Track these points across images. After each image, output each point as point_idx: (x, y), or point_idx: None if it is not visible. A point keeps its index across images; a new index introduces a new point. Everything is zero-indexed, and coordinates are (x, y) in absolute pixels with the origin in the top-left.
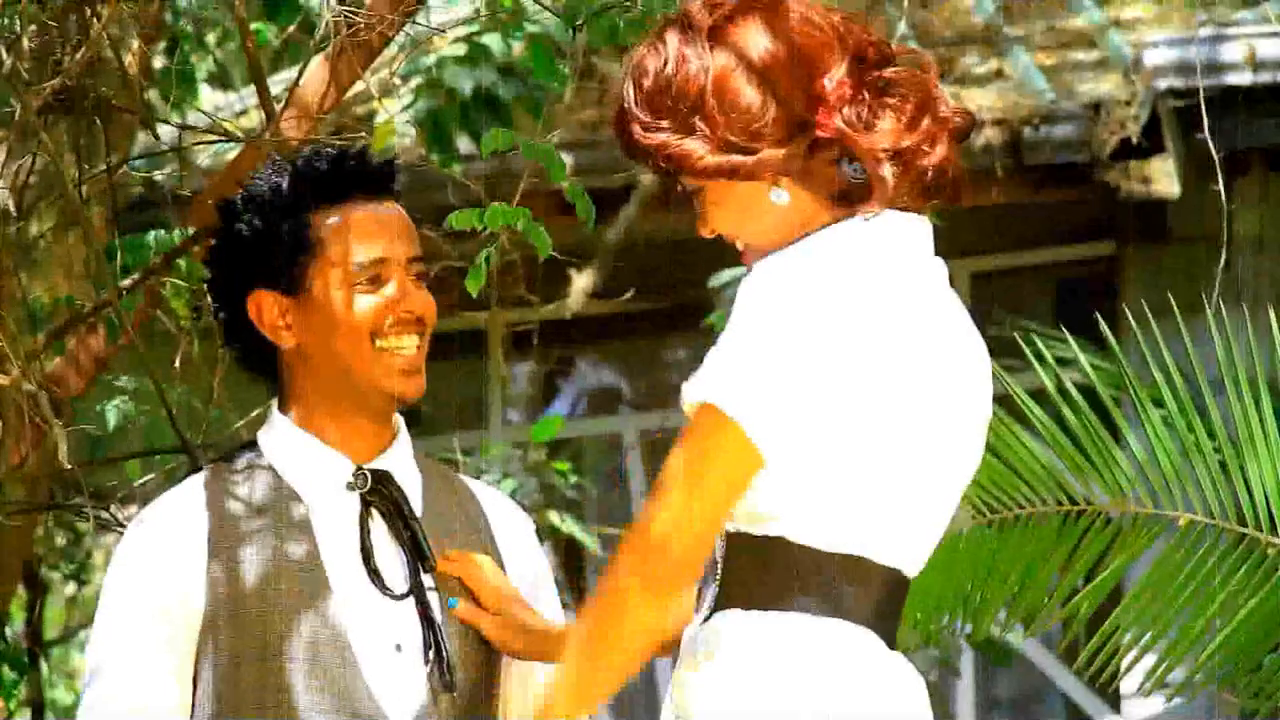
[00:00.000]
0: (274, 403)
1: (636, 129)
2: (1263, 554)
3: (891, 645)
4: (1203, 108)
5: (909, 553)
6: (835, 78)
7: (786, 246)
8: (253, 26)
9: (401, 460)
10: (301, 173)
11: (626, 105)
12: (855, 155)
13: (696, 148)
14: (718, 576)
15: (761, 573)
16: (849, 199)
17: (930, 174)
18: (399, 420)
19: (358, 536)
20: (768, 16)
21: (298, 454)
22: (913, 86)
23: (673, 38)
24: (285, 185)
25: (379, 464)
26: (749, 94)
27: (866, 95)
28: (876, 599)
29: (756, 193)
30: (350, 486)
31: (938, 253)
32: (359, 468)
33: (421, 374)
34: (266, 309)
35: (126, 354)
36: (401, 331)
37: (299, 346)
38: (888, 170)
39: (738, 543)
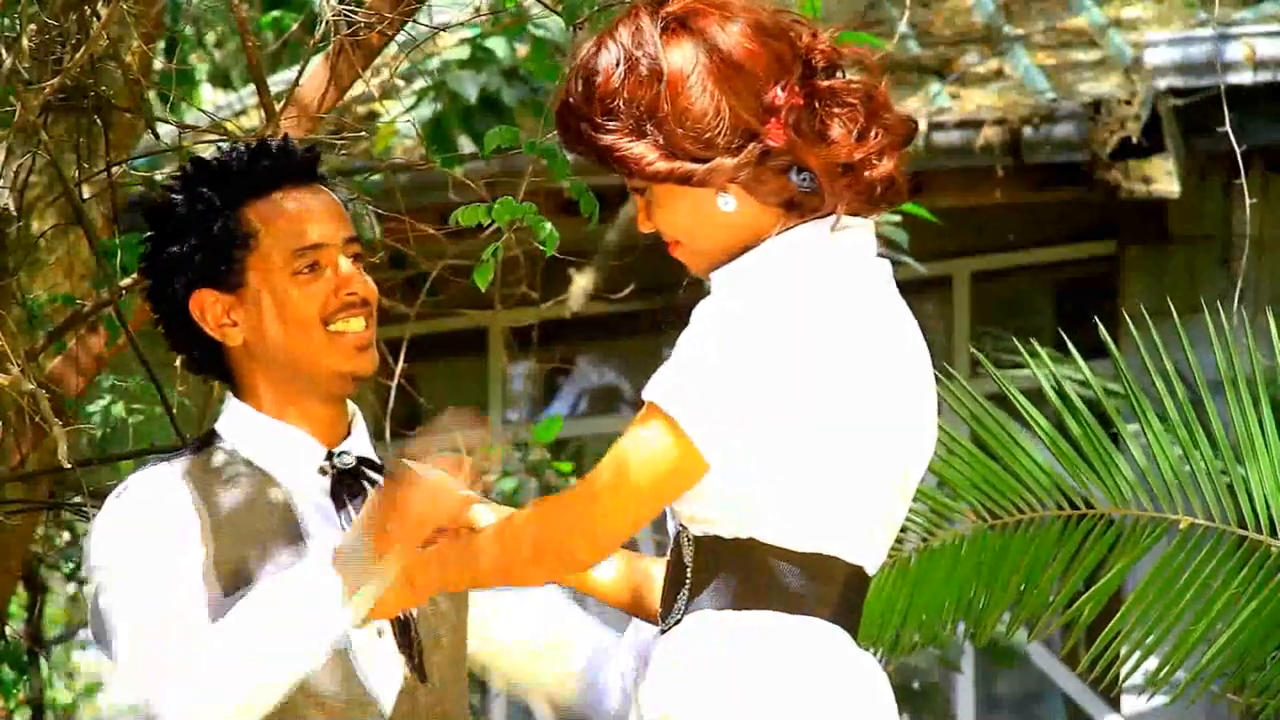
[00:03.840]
0: (229, 394)
1: (585, 128)
2: (1263, 556)
3: (855, 642)
4: (1224, 103)
5: (871, 550)
6: (787, 87)
7: (733, 252)
8: (271, 15)
9: (364, 444)
10: (227, 168)
11: (573, 102)
12: (806, 166)
13: (646, 152)
14: (687, 580)
15: (733, 574)
16: (797, 207)
17: (878, 186)
18: (353, 406)
19: (337, 518)
20: (720, 20)
21: (268, 440)
22: (861, 96)
23: (624, 36)
24: (212, 183)
25: (346, 448)
26: (703, 102)
27: (817, 105)
28: (842, 596)
29: (703, 198)
30: (323, 471)
31: (938, 253)
32: (330, 452)
33: (373, 349)
34: (209, 308)
35: (127, 354)
36: (349, 315)
37: (246, 342)
38: (840, 183)
39: (708, 546)
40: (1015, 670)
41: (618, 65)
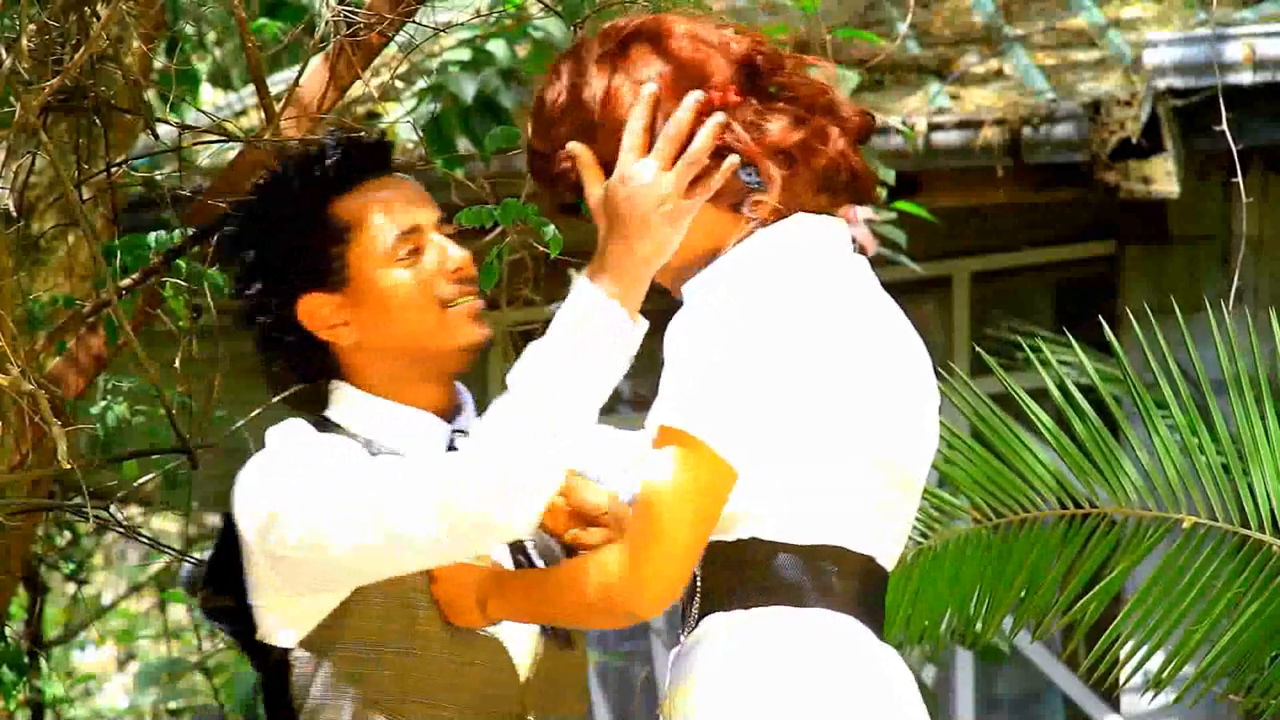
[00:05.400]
0: (341, 382)
1: (538, 162)
2: (1266, 556)
3: (880, 636)
4: (1222, 103)
5: (879, 539)
6: (722, 88)
7: (697, 258)
8: (259, 21)
9: (473, 419)
10: (304, 170)
11: (531, 142)
12: (746, 158)
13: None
14: (698, 588)
15: (739, 575)
16: (756, 209)
17: (827, 171)
18: (457, 384)
19: None
20: (655, 39)
21: (394, 423)
22: (803, 88)
23: (567, 68)
24: (292, 187)
25: (462, 426)
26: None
27: (754, 101)
28: (856, 587)
29: None
30: (451, 448)
31: (938, 253)
32: (457, 430)
33: (484, 318)
34: (317, 311)
35: (127, 354)
36: (462, 292)
37: (359, 339)
38: (774, 169)
39: (712, 552)
40: (1015, 670)
41: (560, 95)
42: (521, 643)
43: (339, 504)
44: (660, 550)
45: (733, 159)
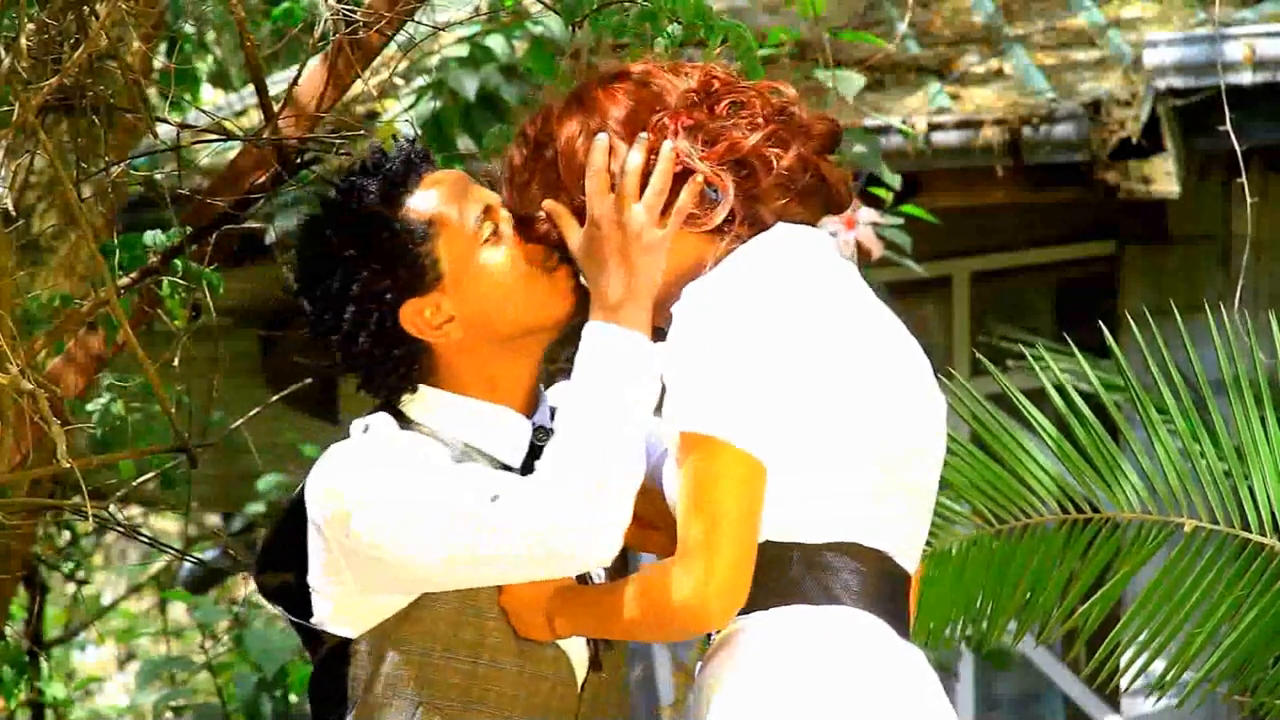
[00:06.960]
0: (422, 384)
1: (523, 227)
2: (1267, 559)
3: (904, 635)
4: (1225, 103)
5: (891, 535)
6: (673, 114)
7: (681, 281)
8: (283, 6)
9: (548, 412)
10: (373, 184)
11: (510, 207)
12: (703, 173)
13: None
14: None
15: (756, 578)
16: (729, 226)
17: (790, 176)
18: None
19: None
20: (610, 83)
21: (470, 419)
22: (758, 101)
23: (531, 130)
24: (367, 205)
25: (541, 422)
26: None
27: (709, 121)
28: (874, 584)
29: None
30: (534, 447)
31: (938, 253)
32: (538, 427)
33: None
34: (422, 316)
35: (126, 353)
36: (550, 251)
37: (465, 331)
38: (726, 177)
39: None
40: (1016, 671)
41: (526, 158)
42: (579, 651)
43: (421, 512)
44: (714, 557)
45: (696, 179)
